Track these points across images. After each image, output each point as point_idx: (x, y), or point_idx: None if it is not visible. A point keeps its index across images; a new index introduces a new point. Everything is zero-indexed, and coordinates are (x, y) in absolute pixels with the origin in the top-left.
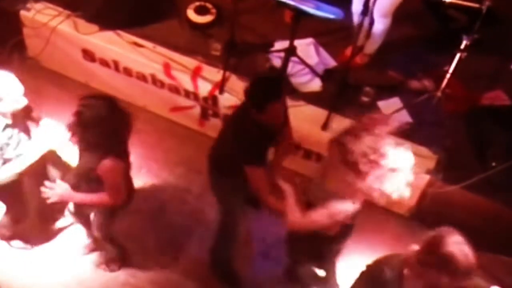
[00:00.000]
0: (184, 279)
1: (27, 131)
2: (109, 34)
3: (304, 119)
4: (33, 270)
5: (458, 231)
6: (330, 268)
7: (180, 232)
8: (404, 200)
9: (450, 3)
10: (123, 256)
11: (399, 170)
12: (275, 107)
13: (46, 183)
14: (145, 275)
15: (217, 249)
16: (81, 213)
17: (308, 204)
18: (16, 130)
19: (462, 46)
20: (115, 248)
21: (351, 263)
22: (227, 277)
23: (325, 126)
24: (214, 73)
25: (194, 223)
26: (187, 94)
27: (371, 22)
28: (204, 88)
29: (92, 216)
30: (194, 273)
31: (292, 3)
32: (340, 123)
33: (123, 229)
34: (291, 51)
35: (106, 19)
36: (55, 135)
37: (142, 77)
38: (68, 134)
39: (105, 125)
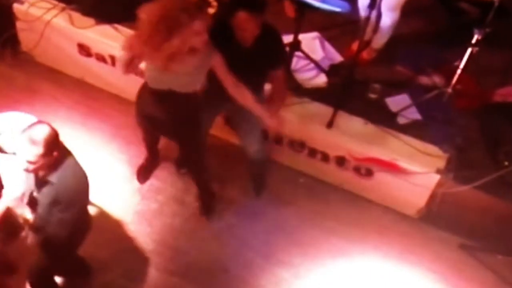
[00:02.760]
0: (183, 281)
1: None
2: (106, 28)
3: (309, 117)
4: None
5: (469, 233)
6: None
7: (178, 234)
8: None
9: None
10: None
11: None
12: (242, 18)
13: None
14: (143, 278)
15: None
16: None
17: None
18: None
19: (474, 41)
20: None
21: (358, 265)
22: None
23: (330, 124)
24: None
25: (193, 225)
26: None
27: (379, 16)
28: None
29: None
30: (193, 275)
31: None
32: (346, 120)
33: (119, 231)
34: (295, 46)
35: (103, 12)
36: None
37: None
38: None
39: None
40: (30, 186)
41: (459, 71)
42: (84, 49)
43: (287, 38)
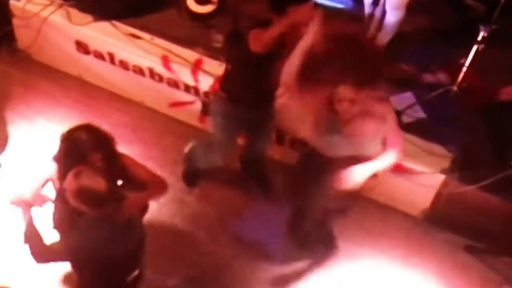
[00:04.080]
0: (183, 283)
1: None
2: (104, 25)
3: None
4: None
5: (475, 234)
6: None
7: (179, 236)
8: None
9: None
10: None
11: None
12: (296, 12)
13: None
14: (142, 279)
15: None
16: None
17: None
18: None
19: (480, 38)
20: None
21: (361, 266)
22: None
23: None
24: (216, 66)
25: (193, 226)
26: (187, 88)
27: (383, 13)
28: (205, 82)
29: None
30: (193, 277)
31: None
32: None
33: None
34: None
35: (101, 9)
36: None
37: (139, 71)
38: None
39: None
40: None
41: (464, 69)
42: (82, 47)
43: None
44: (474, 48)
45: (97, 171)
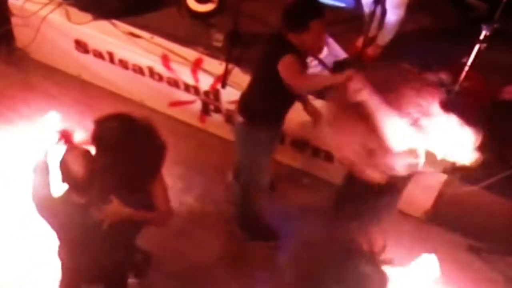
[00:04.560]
0: (183, 284)
1: None
2: (104, 24)
3: None
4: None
5: (477, 234)
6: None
7: (178, 236)
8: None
9: None
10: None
11: None
12: (318, 25)
13: None
14: (142, 280)
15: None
16: None
17: None
18: None
19: (482, 37)
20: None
21: None
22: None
23: None
24: (216, 66)
25: (193, 226)
26: (187, 88)
27: (384, 12)
28: (205, 82)
29: None
30: (194, 277)
31: None
32: None
33: None
34: None
35: (100, 7)
36: None
37: (139, 70)
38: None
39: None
40: None
41: (466, 68)
42: (81, 46)
43: None
44: (476, 47)
45: (86, 158)
